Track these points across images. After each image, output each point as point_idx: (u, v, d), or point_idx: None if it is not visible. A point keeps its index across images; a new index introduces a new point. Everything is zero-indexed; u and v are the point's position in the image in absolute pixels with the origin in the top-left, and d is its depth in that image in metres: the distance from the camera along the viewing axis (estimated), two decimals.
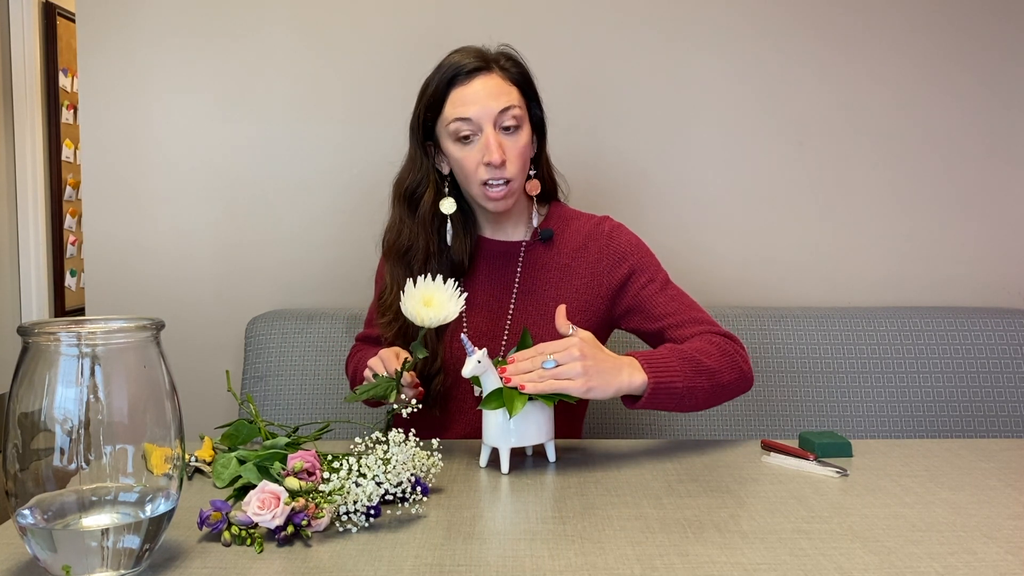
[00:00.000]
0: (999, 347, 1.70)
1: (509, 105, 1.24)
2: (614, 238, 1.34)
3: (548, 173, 1.38)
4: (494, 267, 1.35)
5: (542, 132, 1.35)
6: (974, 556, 0.80)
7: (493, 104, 1.23)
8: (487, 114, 1.23)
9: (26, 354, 0.72)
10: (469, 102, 1.23)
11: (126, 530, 0.73)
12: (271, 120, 1.88)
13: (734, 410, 1.67)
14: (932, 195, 1.90)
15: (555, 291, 1.32)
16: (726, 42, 1.88)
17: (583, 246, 1.34)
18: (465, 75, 1.24)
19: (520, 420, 1.05)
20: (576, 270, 1.32)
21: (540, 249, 1.34)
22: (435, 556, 0.80)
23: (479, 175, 1.24)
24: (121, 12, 1.86)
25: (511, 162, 1.24)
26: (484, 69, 1.25)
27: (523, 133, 1.27)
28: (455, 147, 1.26)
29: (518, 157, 1.25)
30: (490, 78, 1.25)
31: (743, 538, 0.84)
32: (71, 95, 3.71)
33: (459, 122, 1.23)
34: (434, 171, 1.31)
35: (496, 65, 1.27)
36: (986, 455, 1.14)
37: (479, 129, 1.23)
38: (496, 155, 1.22)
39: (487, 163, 1.23)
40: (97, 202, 1.89)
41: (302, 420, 1.64)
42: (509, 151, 1.24)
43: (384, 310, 1.32)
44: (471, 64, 1.25)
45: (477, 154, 1.24)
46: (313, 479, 0.93)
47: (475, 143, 1.24)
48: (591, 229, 1.35)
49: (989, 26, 1.88)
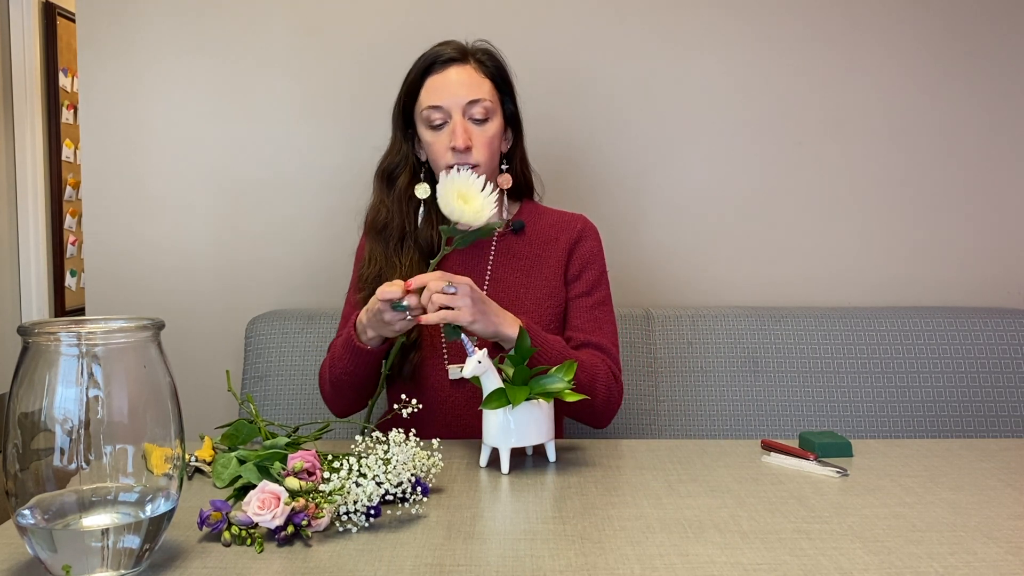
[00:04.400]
0: (999, 347, 1.70)
1: (479, 98, 1.30)
2: (582, 239, 1.39)
3: (523, 170, 1.44)
4: (466, 257, 1.38)
5: (517, 128, 1.40)
6: (974, 556, 0.80)
7: (463, 93, 1.30)
8: (456, 103, 1.30)
9: (26, 354, 0.72)
10: (441, 90, 1.30)
11: (126, 530, 0.73)
12: (271, 120, 1.88)
13: (734, 410, 1.68)
14: (932, 195, 1.90)
15: (526, 279, 1.36)
16: (726, 42, 1.88)
17: (554, 238, 1.39)
18: (440, 64, 1.32)
19: (520, 420, 1.05)
20: (546, 260, 1.38)
21: (511, 240, 1.40)
22: (435, 556, 0.80)
23: (446, 159, 1.31)
24: (121, 12, 1.86)
25: (477, 149, 1.31)
26: (460, 60, 1.33)
27: (492, 125, 1.33)
28: (427, 132, 1.33)
29: (485, 145, 1.31)
30: (463, 69, 1.32)
31: (743, 538, 0.84)
32: (71, 95, 3.71)
33: (430, 109, 1.31)
34: (413, 156, 1.38)
35: (472, 58, 1.34)
36: (986, 455, 1.14)
37: (448, 116, 1.30)
38: (461, 140, 1.28)
39: (452, 147, 1.29)
40: (97, 202, 1.89)
41: (302, 420, 1.64)
42: (476, 139, 1.31)
43: (363, 285, 1.34)
44: (448, 54, 1.32)
45: (446, 139, 1.30)
46: (313, 479, 0.93)
47: (444, 130, 1.31)
48: (564, 224, 1.41)
49: (989, 28, 1.88)
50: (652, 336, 1.72)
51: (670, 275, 1.90)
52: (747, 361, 1.70)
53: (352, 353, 1.24)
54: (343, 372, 1.27)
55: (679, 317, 1.73)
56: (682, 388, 1.69)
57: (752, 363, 1.69)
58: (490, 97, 1.32)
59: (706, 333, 1.71)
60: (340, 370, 1.27)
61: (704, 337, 1.71)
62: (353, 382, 1.28)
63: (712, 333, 1.71)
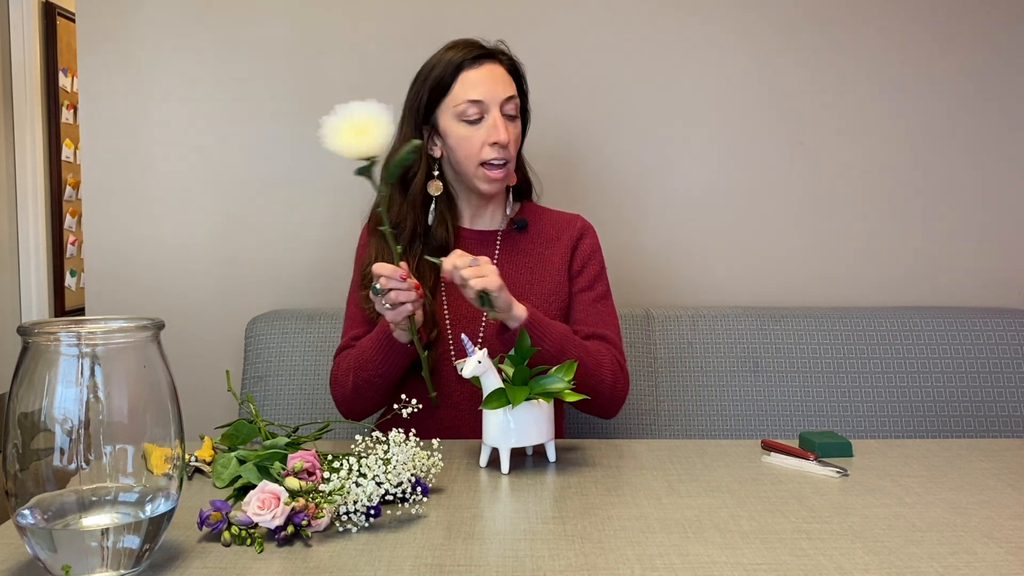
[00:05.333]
0: (999, 347, 1.70)
1: (513, 94, 1.33)
2: (583, 238, 1.42)
3: (522, 170, 1.45)
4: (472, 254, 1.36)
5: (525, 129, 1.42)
6: (974, 556, 0.80)
7: (501, 90, 1.32)
8: (496, 98, 1.31)
9: (26, 354, 0.72)
10: (479, 84, 1.31)
11: (126, 530, 0.73)
12: (271, 119, 1.88)
13: (734, 410, 1.68)
14: (932, 195, 1.90)
15: (530, 276, 1.38)
16: (726, 42, 1.88)
17: (556, 237, 1.41)
18: (474, 60, 1.32)
19: (520, 420, 1.05)
20: (550, 258, 1.39)
21: (516, 237, 1.41)
22: (435, 556, 0.80)
23: (483, 155, 1.31)
24: (121, 12, 1.86)
25: (512, 145, 1.33)
26: (491, 57, 1.34)
27: (519, 122, 1.36)
28: (461, 127, 1.32)
29: (515, 142, 1.35)
30: (496, 66, 1.34)
31: (743, 538, 0.84)
32: (71, 95, 3.71)
33: (468, 104, 1.30)
34: (426, 153, 1.37)
35: (499, 56, 1.36)
36: (986, 455, 1.14)
37: (486, 111, 1.31)
38: (504, 135, 1.29)
39: (494, 143, 1.30)
40: (97, 202, 1.89)
41: (302, 420, 1.64)
42: (511, 134, 1.32)
43: (367, 282, 1.34)
44: (478, 51, 1.33)
45: (483, 134, 1.31)
46: (313, 479, 0.93)
47: (481, 125, 1.31)
48: (564, 223, 1.43)
49: (990, 28, 1.88)
50: (652, 336, 1.72)
51: (670, 275, 1.90)
52: (747, 361, 1.70)
53: (386, 351, 1.24)
54: (374, 373, 1.27)
55: (679, 317, 1.73)
56: (682, 388, 1.69)
57: (752, 363, 1.69)
58: (517, 96, 1.34)
59: (706, 333, 1.71)
60: (371, 372, 1.27)
61: (704, 337, 1.71)
62: (384, 382, 1.28)
63: (712, 333, 1.71)
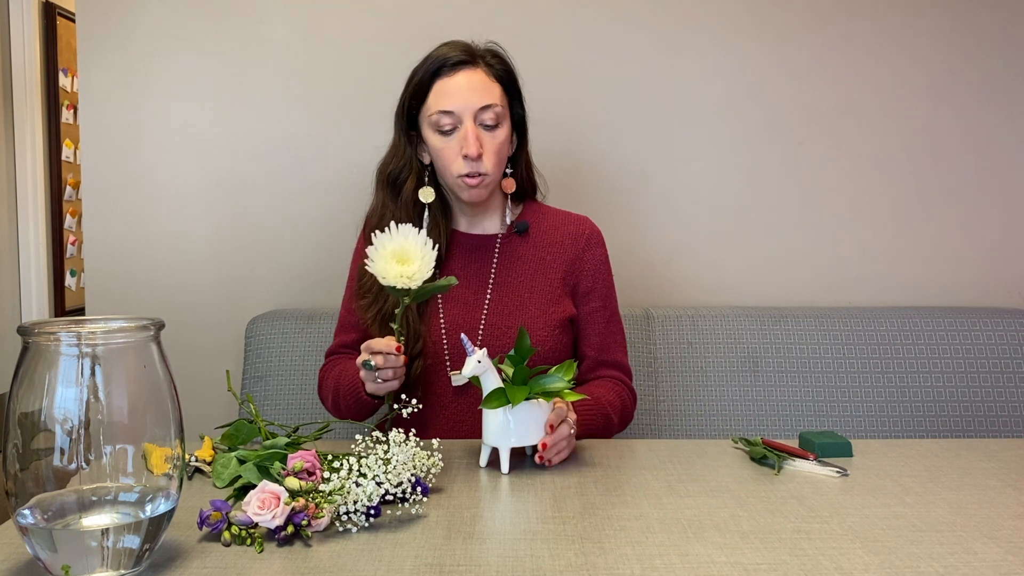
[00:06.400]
0: (999, 347, 1.70)
1: (491, 103, 1.27)
2: (590, 249, 1.38)
3: (527, 172, 1.41)
4: (469, 259, 1.37)
5: (523, 131, 1.38)
6: (974, 556, 0.80)
7: (475, 99, 1.26)
8: (468, 108, 1.26)
9: (26, 354, 0.72)
10: (452, 94, 1.26)
11: (126, 530, 0.73)
12: (271, 120, 1.88)
13: (734, 410, 1.68)
14: (932, 195, 1.90)
15: (530, 282, 1.35)
16: (726, 42, 1.88)
17: (560, 241, 1.37)
18: (450, 67, 1.27)
19: (520, 420, 1.05)
20: (551, 263, 1.36)
21: (516, 241, 1.38)
22: (435, 556, 0.80)
23: (456, 167, 1.27)
24: (121, 12, 1.86)
25: (487, 156, 1.27)
26: (469, 63, 1.28)
27: (502, 131, 1.30)
28: (436, 137, 1.29)
29: (495, 153, 1.28)
30: (474, 73, 1.28)
31: (743, 538, 0.84)
32: (71, 95, 3.71)
33: (440, 114, 1.27)
34: (416, 160, 1.35)
35: (482, 61, 1.30)
36: (986, 455, 1.13)
37: (459, 122, 1.27)
38: (473, 148, 1.25)
39: (464, 155, 1.26)
40: (97, 202, 1.89)
41: (302, 420, 1.64)
42: (487, 145, 1.27)
43: (364, 292, 1.33)
44: (456, 57, 1.28)
45: (456, 146, 1.27)
46: (313, 479, 0.93)
47: (455, 135, 1.27)
48: (570, 227, 1.39)
49: (989, 28, 1.88)
50: (652, 336, 1.72)
51: (670, 275, 1.90)
52: (747, 361, 1.70)
53: (358, 405, 1.27)
54: (347, 410, 1.30)
55: (679, 317, 1.73)
56: (682, 388, 1.69)
57: (752, 363, 1.70)
58: (500, 102, 1.28)
59: (706, 333, 1.72)
60: (344, 410, 1.31)
61: (704, 337, 1.71)
62: (359, 418, 1.32)
63: (712, 333, 1.71)
